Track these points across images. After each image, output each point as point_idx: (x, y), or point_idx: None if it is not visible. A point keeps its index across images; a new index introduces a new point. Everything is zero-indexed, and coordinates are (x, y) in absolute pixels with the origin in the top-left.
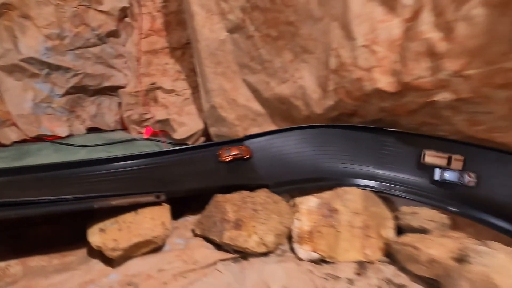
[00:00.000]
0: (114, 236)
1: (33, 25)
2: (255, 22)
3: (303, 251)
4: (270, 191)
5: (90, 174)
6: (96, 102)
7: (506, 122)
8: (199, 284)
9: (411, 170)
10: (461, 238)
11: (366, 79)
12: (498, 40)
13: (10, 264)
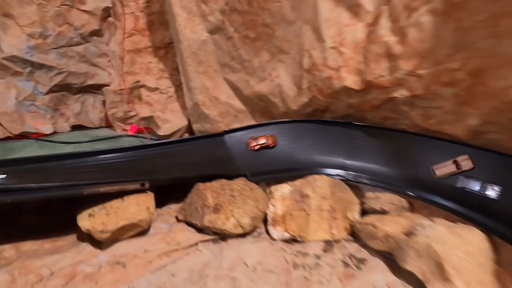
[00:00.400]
0: (102, 220)
1: (15, 24)
2: (234, 24)
3: (276, 232)
4: (248, 180)
5: (81, 165)
6: (80, 100)
7: (453, 115)
8: (181, 262)
9: (376, 160)
10: (413, 217)
11: (335, 78)
12: (443, 43)
13: (4, 248)
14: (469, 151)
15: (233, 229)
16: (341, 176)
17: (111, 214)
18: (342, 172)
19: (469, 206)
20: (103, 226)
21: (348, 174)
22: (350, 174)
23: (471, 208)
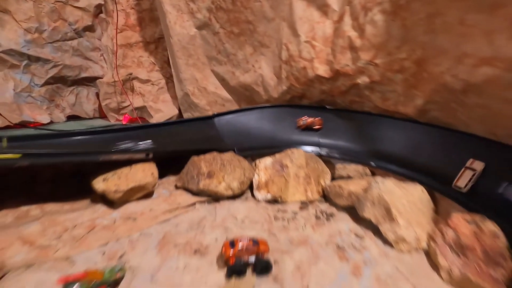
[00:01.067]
0: (115, 182)
1: (12, 19)
2: (219, 21)
3: (260, 194)
4: (235, 154)
5: (98, 138)
6: (75, 92)
7: (404, 97)
8: (182, 217)
9: (345, 138)
10: (371, 178)
11: (309, 68)
12: (392, 38)
13: (30, 208)
14: (419, 127)
15: (224, 192)
16: (316, 152)
17: (122, 178)
18: (316, 149)
19: (417, 170)
20: (116, 187)
21: (322, 150)
22: (323, 150)
23: (419, 172)
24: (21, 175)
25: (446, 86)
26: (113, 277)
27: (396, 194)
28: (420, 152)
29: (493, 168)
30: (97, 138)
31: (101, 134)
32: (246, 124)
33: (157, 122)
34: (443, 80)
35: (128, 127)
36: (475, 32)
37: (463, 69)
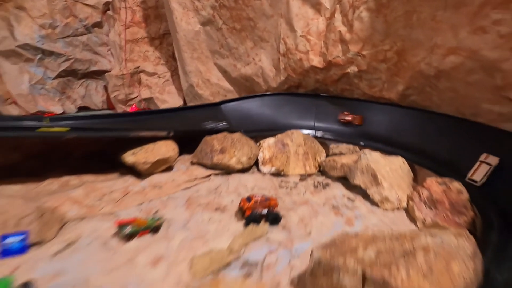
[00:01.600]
0: (143, 155)
1: (28, 15)
2: (223, 18)
3: (265, 168)
4: (243, 134)
5: (129, 119)
6: (84, 85)
7: (388, 84)
8: (200, 185)
9: (336, 122)
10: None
11: (304, 60)
12: (377, 32)
13: (70, 179)
14: (400, 110)
15: (235, 165)
16: (312, 134)
17: (149, 152)
18: (312, 132)
19: (399, 147)
20: (145, 159)
21: (317, 132)
22: (318, 133)
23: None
24: (59, 152)
25: (422, 73)
26: (154, 224)
27: (381, 163)
28: (401, 131)
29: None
30: (128, 119)
31: (131, 116)
32: (249, 110)
33: (174, 107)
34: (419, 68)
35: (151, 111)
36: (443, 26)
37: (435, 58)
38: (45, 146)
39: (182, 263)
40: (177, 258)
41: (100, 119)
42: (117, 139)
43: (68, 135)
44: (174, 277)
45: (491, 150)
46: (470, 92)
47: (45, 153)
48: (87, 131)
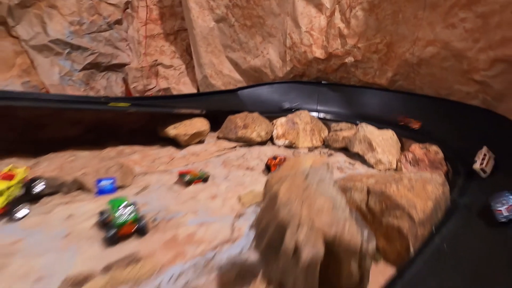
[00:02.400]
0: (183, 129)
1: (59, 13)
2: (235, 16)
3: (280, 141)
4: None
5: (172, 100)
6: (106, 77)
7: (379, 71)
8: (229, 153)
9: (337, 105)
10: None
11: (308, 52)
12: (370, 28)
13: (124, 148)
14: (390, 94)
15: (256, 138)
16: (316, 116)
17: (187, 126)
18: (315, 114)
19: (389, 123)
20: (185, 131)
21: (319, 114)
22: (320, 115)
23: (391, 124)
24: (109, 128)
25: (406, 61)
26: (204, 175)
27: (375, 134)
28: (391, 111)
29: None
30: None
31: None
32: (260, 95)
33: (205, 91)
34: (404, 57)
35: (189, 94)
36: (423, 23)
37: (417, 49)
38: (99, 122)
39: (232, 199)
40: (227, 196)
41: (151, 100)
42: (159, 116)
43: (130, 109)
44: (228, 206)
45: (460, 121)
46: (444, 76)
47: (99, 128)
48: (142, 107)
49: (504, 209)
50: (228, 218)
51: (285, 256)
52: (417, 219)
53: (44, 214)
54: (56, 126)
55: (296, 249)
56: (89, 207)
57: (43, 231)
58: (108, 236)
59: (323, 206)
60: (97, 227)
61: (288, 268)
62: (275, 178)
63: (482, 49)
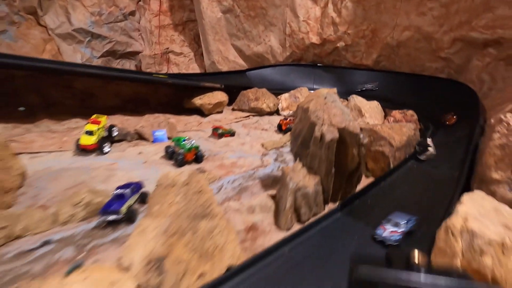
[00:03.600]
0: (207, 99)
1: (82, 5)
2: (240, 7)
3: (285, 112)
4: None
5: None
6: (120, 64)
7: (366, 54)
8: (244, 121)
9: (330, 84)
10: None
11: (305, 38)
12: (358, 16)
13: (159, 115)
14: (375, 73)
15: (266, 108)
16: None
17: (210, 97)
18: (312, 92)
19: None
20: (209, 101)
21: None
22: None
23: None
24: (142, 100)
25: (388, 44)
26: (232, 131)
27: (364, 103)
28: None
29: None
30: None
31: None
32: (265, 75)
33: (221, 71)
34: (386, 41)
35: (211, 73)
36: (400, 12)
37: (396, 34)
38: (135, 94)
39: (256, 146)
40: (252, 144)
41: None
42: (189, 88)
43: (168, 80)
44: (255, 149)
45: (432, 90)
46: (418, 55)
47: (135, 100)
48: (178, 78)
49: (387, 231)
50: (257, 155)
51: (315, 143)
52: (395, 146)
53: (120, 152)
54: (104, 96)
55: (321, 136)
56: (152, 149)
57: (126, 160)
58: (178, 159)
59: (336, 112)
60: (164, 159)
61: (315, 152)
62: (304, 101)
63: (445, 31)
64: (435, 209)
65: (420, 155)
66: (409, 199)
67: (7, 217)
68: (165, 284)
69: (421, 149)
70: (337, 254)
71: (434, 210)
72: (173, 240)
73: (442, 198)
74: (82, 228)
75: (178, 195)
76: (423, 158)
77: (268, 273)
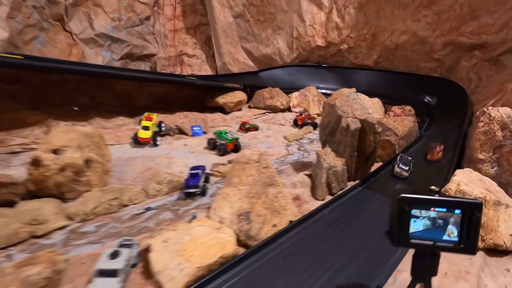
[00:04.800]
0: (229, 98)
1: (103, 11)
2: (250, 12)
3: (296, 109)
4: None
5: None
6: (137, 65)
7: (367, 55)
8: (262, 117)
9: (335, 83)
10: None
11: (312, 41)
12: (359, 21)
13: (188, 113)
14: (375, 72)
15: (280, 106)
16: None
17: (232, 96)
18: (318, 90)
19: (376, 95)
20: (231, 100)
21: (320, 90)
22: (322, 90)
23: (377, 95)
24: (169, 100)
25: (387, 47)
26: (256, 126)
27: (366, 99)
28: (376, 86)
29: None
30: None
31: (219, 77)
32: (276, 75)
33: (239, 72)
34: (385, 44)
35: (231, 74)
36: (398, 18)
37: (394, 37)
38: (164, 95)
39: (279, 137)
40: (275, 136)
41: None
42: (208, 89)
43: (198, 82)
44: (279, 141)
45: (426, 87)
46: (413, 57)
47: (164, 100)
48: (204, 80)
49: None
50: (282, 146)
51: (341, 132)
52: (400, 135)
53: (168, 144)
54: (139, 97)
55: (347, 126)
56: (193, 141)
57: (177, 150)
58: (222, 149)
59: (357, 107)
60: (207, 150)
61: (341, 139)
62: (331, 98)
63: (437, 36)
64: (436, 181)
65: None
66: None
67: (116, 190)
68: (252, 230)
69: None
70: (362, 215)
71: (435, 181)
72: (253, 200)
73: (441, 173)
74: (168, 200)
75: (252, 169)
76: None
77: (317, 226)
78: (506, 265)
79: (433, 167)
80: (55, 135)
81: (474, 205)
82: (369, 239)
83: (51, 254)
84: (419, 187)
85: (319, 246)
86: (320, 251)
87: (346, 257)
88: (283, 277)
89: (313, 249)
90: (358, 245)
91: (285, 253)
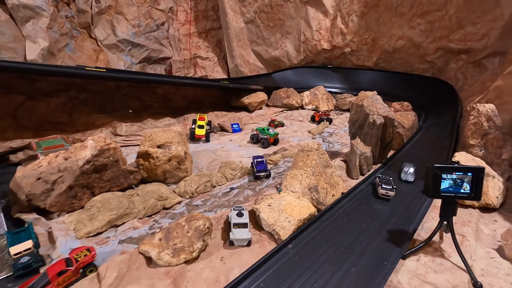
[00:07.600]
0: (253, 98)
1: (124, 19)
2: (261, 18)
3: (308, 106)
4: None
5: (244, 80)
6: (153, 69)
7: (368, 57)
8: (281, 114)
9: (339, 83)
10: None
11: (318, 45)
12: (361, 27)
13: (217, 113)
14: (375, 72)
15: (295, 104)
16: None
17: (255, 97)
18: (325, 89)
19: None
20: (255, 100)
21: (327, 89)
22: (327, 89)
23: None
24: (200, 101)
25: (385, 50)
26: (282, 122)
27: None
28: (376, 84)
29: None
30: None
31: (243, 79)
32: (287, 76)
33: (257, 74)
34: (384, 48)
35: (252, 76)
36: (395, 25)
37: (392, 42)
38: (196, 97)
39: (304, 132)
40: (300, 131)
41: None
42: (233, 90)
43: (230, 85)
44: (305, 135)
45: (420, 86)
46: (409, 59)
47: (196, 101)
48: (234, 83)
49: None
50: (309, 139)
51: (368, 126)
52: (406, 127)
53: (217, 139)
54: (176, 100)
55: (374, 122)
56: (236, 137)
57: (227, 144)
58: (265, 142)
59: (380, 106)
60: (250, 143)
61: (368, 132)
62: (358, 99)
63: (430, 42)
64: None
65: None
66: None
67: (207, 175)
68: (320, 198)
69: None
70: None
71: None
72: (318, 177)
73: (440, 156)
74: (243, 182)
75: (314, 155)
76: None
77: (359, 197)
78: (494, 218)
79: (436, 152)
80: (157, 134)
81: (480, 169)
82: (402, 200)
83: (202, 214)
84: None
85: (367, 208)
86: (369, 210)
87: (388, 212)
88: (350, 226)
89: (363, 209)
90: (397, 202)
91: (346, 212)
